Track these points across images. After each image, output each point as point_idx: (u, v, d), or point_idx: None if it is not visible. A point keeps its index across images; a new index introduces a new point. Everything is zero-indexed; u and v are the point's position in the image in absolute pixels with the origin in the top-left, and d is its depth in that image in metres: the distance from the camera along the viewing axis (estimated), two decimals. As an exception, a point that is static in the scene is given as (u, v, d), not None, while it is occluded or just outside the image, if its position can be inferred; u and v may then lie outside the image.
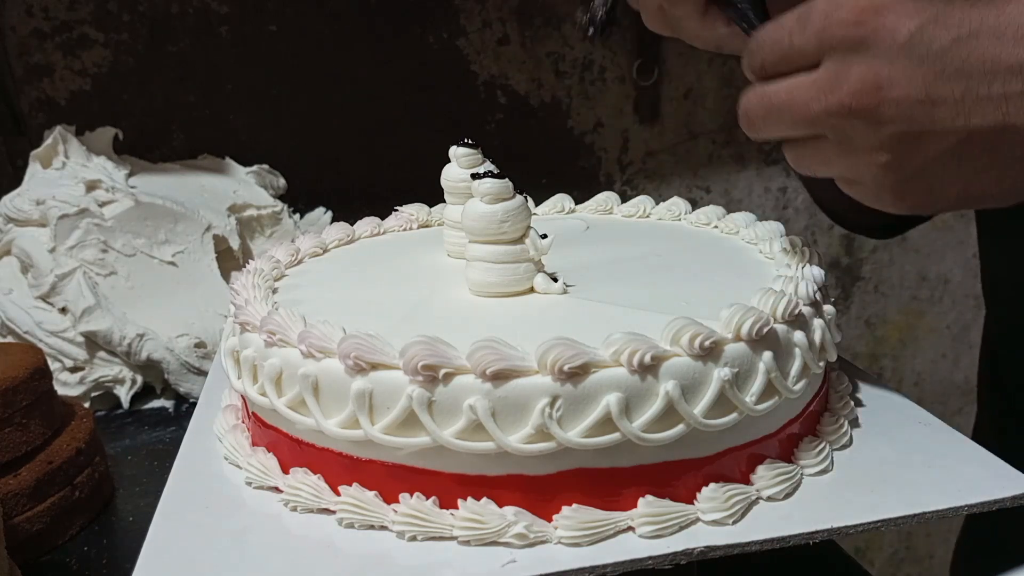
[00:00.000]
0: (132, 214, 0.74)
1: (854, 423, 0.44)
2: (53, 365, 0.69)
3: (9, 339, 0.72)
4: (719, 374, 0.36)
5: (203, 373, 0.71)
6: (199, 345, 0.72)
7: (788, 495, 0.38)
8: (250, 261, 0.53)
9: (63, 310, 0.71)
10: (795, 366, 0.40)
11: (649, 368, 0.35)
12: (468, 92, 1.02)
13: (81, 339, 0.71)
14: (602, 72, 1.04)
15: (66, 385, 0.71)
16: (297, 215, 0.92)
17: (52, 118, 0.89)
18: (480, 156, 0.51)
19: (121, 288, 0.73)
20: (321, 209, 0.94)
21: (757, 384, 0.38)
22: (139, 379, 0.73)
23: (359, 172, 1.00)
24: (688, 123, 1.08)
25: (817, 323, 0.42)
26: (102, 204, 0.74)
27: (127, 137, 0.85)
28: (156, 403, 0.74)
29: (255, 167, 0.91)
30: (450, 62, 1.00)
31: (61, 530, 0.53)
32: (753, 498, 0.38)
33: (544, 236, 0.45)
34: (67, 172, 0.77)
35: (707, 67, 1.05)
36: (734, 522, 0.36)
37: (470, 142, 0.51)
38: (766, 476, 0.38)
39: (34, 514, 0.51)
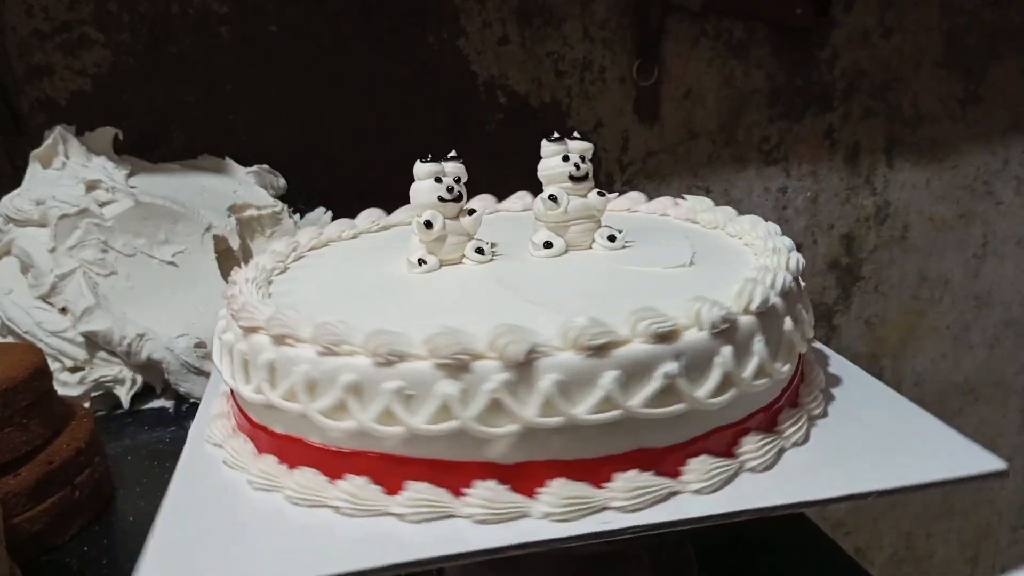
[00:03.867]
0: (132, 214, 0.74)
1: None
2: (53, 365, 0.69)
3: (9, 339, 0.72)
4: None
5: (203, 373, 0.71)
6: (199, 345, 0.72)
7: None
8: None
9: (63, 310, 0.71)
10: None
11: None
12: (468, 92, 1.02)
13: (81, 339, 0.71)
14: (602, 72, 1.04)
15: (66, 385, 0.71)
16: (297, 215, 0.92)
17: (52, 118, 0.89)
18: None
19: (121, 288, 0.73)
20: (321, 209, 0.94)
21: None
22: (139, 379, 0.73)
23: (359, 172, 1.00)
24: (688, 123, 1.08)
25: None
26: (102, 204, 0.74)
27: (127, 137, 0.85)
28: (156, 403, 0.74)
29: (255, 167, 0.91)
30: (450, 62, 1.00)
31: (61, 530, 0.53)
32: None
33: (471, 212, 0.49)
34: (67, 172, 0.77)
35: (707, 67, 1.05)
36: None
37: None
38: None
39: (34, 514, 0.51)
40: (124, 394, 0.72)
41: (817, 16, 1.05)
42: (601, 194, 0.50)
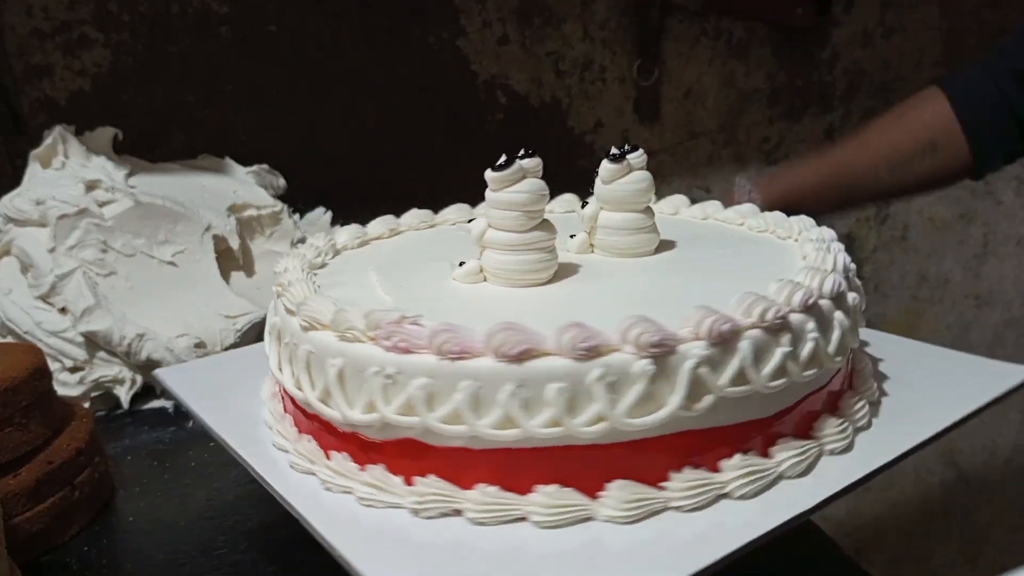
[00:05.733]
0: (132, 214, 0.74)
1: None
2: (53, 365, 0.69)
3: (9, 339, 0.72)
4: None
5: (203, 373, 0.72)
6: (199, 345, 0.72)
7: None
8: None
9: (63, 310, 0.71)
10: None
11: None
12: (468, 92, 1.02)
13: (81, 339, 0.71)
14: (602, 72, 1.04)
15: (66, 385, 0.71)
16: (297, 215, 0.92)
17: (52, 118, 0.89)
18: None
19: (121, 288, 0.73)
20: (321, 209, 0.94)
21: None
22: (139, 379, 0.73)
23: (359, 172, 1.00)
24: (688, 123, 1.08)
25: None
26: (102, 204, 0.74)
27: (127, 137, 0.85)
28: (156, 403, 0.73)
29: (255, 167, 0.91)
30: (450, 62, 1.00)
31: (61, 530, 0.53)
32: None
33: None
34: (67, 172, 0.77)
35: (707, 67, 1.05)
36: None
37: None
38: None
39: (34, 514, 0.51)
40: (124, 394, 0.72)
41: (817, 16, 1.05)
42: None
